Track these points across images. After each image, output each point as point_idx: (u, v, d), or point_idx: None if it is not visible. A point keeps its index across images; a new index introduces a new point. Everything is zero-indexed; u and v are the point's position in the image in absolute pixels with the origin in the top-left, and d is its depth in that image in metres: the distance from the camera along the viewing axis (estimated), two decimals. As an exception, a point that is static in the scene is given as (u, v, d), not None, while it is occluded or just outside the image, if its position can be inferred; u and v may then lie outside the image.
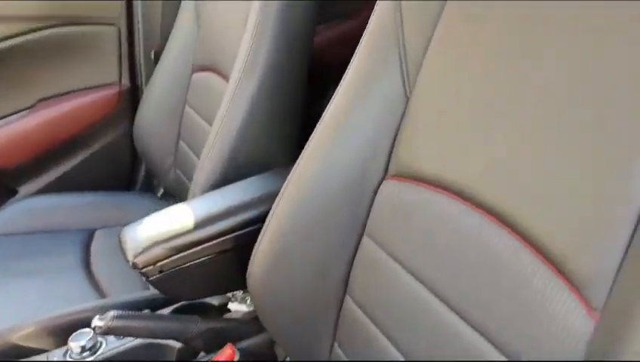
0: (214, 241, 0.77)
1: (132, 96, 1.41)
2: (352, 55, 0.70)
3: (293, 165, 0.72)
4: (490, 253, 0.50)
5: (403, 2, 0.63)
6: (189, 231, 0.76)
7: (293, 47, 0.95)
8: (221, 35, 1.11)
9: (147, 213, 1.29)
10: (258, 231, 0.74)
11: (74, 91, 1.37)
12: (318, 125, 0.71)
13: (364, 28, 0.69)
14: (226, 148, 0.96)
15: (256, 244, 0.73)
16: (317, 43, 1.57)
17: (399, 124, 0.63)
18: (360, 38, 0.69)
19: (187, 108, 1.25)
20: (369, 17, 0.68)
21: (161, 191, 1.40)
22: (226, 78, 1.09)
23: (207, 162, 0.98)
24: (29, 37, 1.28)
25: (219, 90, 1.12)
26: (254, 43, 0.93)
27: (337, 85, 0.71)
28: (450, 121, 0.57)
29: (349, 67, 0.70)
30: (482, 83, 0.54)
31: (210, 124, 1.15)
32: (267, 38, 0.93)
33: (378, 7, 0.67)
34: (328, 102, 1.65)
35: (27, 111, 1.33)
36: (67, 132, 1.37)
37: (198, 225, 0.77)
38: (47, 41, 1.31)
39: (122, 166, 1.46)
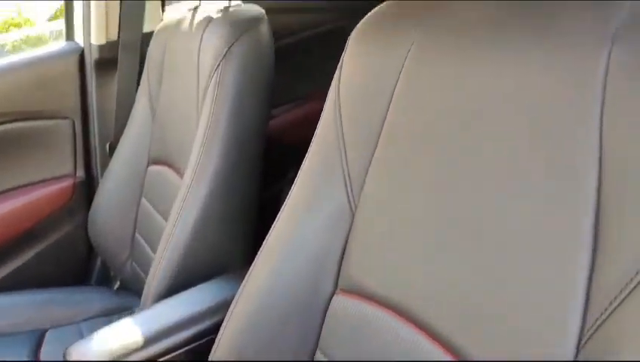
0: (166, 357, 0.75)
1: (87, 188, 1.39)
2: (312, 136, 0.71)
3: (247, 266, 0.71)
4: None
5: (344, 120, 0.65)
6: (138, 349, 0.74)
7: (244, 147, 0.96)
8: (175, 130, 1.12)
9: (101, 309, 1.26)
10: (211, 342, 0.72)
11: (27, 185, 1.35)
12: (269, 234, 0.71)
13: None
14: (181, 248, 0.95)
15: (210, 357, 0.71)
16: (277, 124, 1.60)
17: (346, 239, 0.63)
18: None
19: (143, 200, 1.24)
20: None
21: (118, 283, 1.36)
22: (180, 173, 1.10)
23: (163, 260, 0.97)
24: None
25: (174, 184, 1.12)
26: (206, 144, 0.93)
27: (297, 166, 0.71)
28: (393, 240, 0.58)
29: (299, 174, 0.71)
30: (423, 204, 0.55)
31: (166, 219, 1.14)
32: (219, 139, 0.94)
33: (321, 123, 0.69)
34: (288, 183, 1.66)
35: (-24, 208, 1.29)
36: (20, 227, 1.33)
37: (149, 341, 0.74)
38: (1, 137, 1.29)
39: (77, 259, 1.42)
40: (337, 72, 0.68)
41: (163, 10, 1.38)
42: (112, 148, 1.31)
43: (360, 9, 1.72)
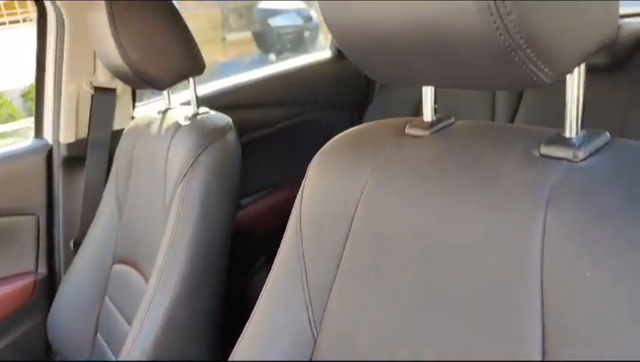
0: None
1: (49, 286, 1.36)
2: (282, 224, 0.71)
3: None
4: None
5: (305, 244, 0.66)
6: None
7: (210, 252, 0.97)
8: (141, 232, 1.12)
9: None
10: None
11: (-15, 283, 1.31)
12: (232, 356, 0.71)
13: (293, 199, 0.71)
14: (145, 355, 0.92)
15: None
16: (247, 214, 1.62)
17: None
18: (290, 208, 0.71)
19: (106, 299, 1.21)
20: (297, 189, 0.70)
21: (77, 387, 1.30)
22: (144, 275, 1.09)
23: None
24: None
25: (138, 285, 1.10)
26: (172, 250, 0.94)
27: (266, 256, 0.71)
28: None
29: (260, 297, 0.71)
30: (383, 332, 0.56)
31: (129, 321, 1.12)
32: (184, 246, 0.94)
33: (283, 245, 0.70)
34: (255, 272, 1.64)
35: None
36: (-25, 327, 1.28)
37: None
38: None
39: (35, 359, 1.36)
40: (299, 194, 0.71)
41: (133, 108, 1.41)
42: (77, 246, 1.29)
43: (327, 104, 1.80)
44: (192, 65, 1.04)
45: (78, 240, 1.30)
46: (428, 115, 0.60)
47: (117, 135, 1.30)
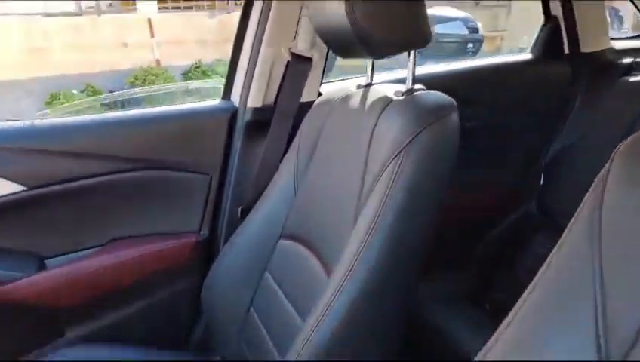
0: None
1: (208, 249, 1.32)
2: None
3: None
4: None
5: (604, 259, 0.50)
6: None
7: (409, 246, 0.84)
8: (322, 212, 1.02)
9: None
10: None
11: (147, 235, 1.29)
12: None
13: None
14: (318, 354, 0.82)
15: None
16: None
17: None
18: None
19: (267, 274, 1.14)
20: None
21: (218, 359, 1.24)
22: (319, 258, 0.99)
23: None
24: (115, 177, 1.22)
25: (307, 265, 1.02)
26: (367, 241, 0.82)
27: None
28: None
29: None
30: None
31: (291, 301, 1.03)
32: (382, 238, 0.82)
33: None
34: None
35: (96, 250, 1.24)
36: (130, 278, 1.26)
37: None
38: (137, 183, 1.26)
39: (181, 322, 1.34)
40: (596, 191, 0.54)
41: (321, 83, 1.34)
42: (244, 213, 1.23)
43: (525, 109, 1.60)
44: (417, 37, 0.92)
45: (247, 208, 1.24)
46: None
47: (303, 107, 1.23)
